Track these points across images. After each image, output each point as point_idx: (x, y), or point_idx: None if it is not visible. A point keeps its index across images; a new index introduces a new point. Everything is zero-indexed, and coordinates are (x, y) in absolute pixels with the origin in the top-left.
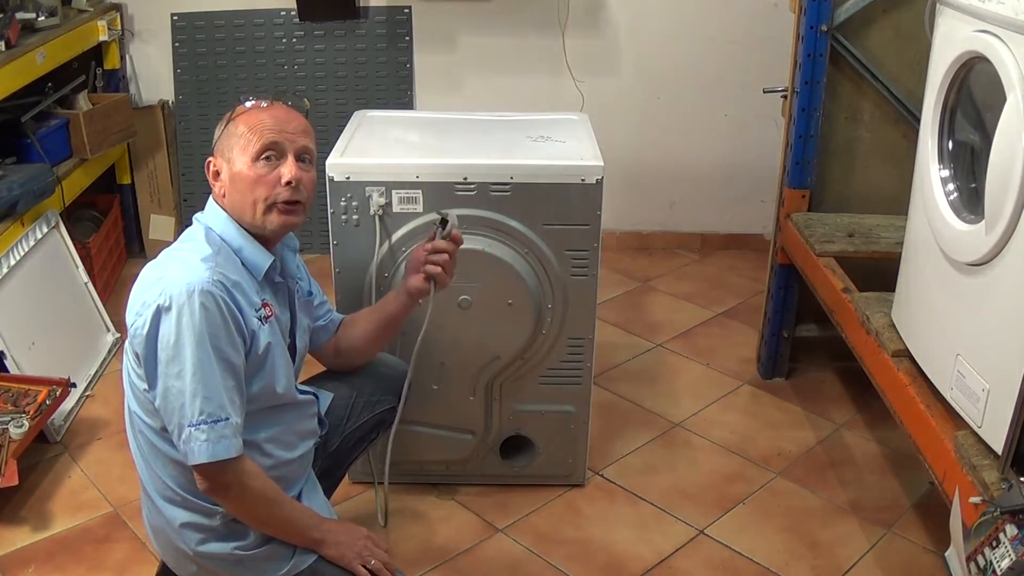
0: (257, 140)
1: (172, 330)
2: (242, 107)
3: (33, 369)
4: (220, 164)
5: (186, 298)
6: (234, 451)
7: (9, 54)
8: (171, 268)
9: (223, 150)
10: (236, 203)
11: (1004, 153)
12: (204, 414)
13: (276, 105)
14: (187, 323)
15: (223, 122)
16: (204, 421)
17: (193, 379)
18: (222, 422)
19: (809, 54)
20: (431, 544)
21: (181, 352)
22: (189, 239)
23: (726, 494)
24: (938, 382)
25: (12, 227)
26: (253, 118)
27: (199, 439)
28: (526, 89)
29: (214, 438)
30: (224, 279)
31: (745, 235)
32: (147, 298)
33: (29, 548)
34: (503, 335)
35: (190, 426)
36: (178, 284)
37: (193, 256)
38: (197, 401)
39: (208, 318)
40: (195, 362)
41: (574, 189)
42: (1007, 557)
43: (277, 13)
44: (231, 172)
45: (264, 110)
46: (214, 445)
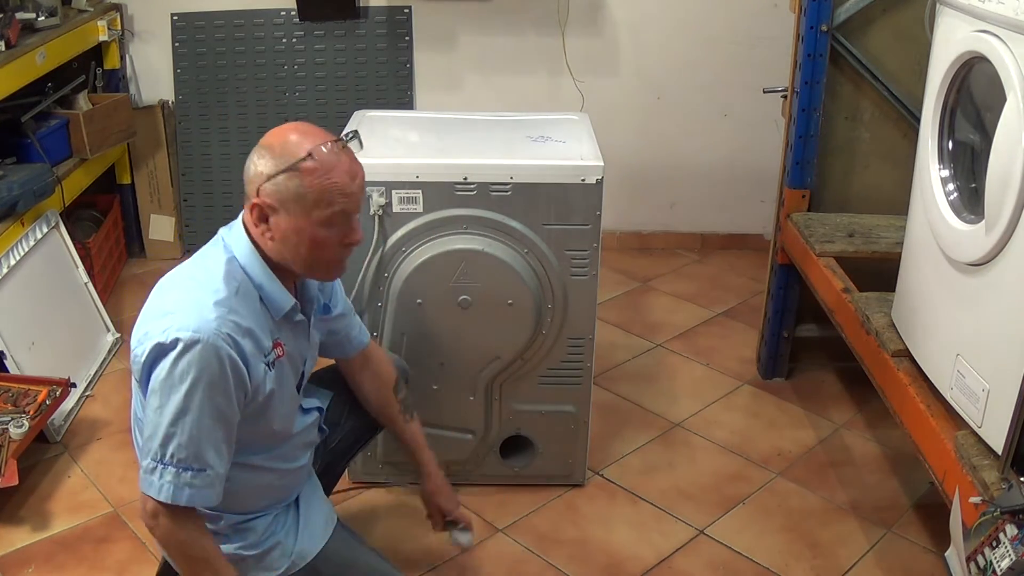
0: (327, 207)
1: (166, 371)
2: (310, 159)
3: (33, 369)
4: (274, 213)
5: (188, 345)
6: (194, 502)
7: (9, 54)
8: (183, 304)
9: (282, 200)
10: (285, 253)
11: (1004, 153)
12: (175, 458)
13: (343, 154)
14: (182, 369)
15: (285, 167)
16: (173, 464)
17: (173, 423)
18: (191, 471)
19: (809, 54)
20: (431, 544)
21: (170, 394)
22: (209, 265)
23: (726, 494)
24: (938, 382)
25: (12, 227)
26: (325, 180)
27: (164, 478)
28: (526, 89)
29: (179, 483)
30: (235, 329)
31: (745, 235)
32: (151, 329)
33: (29, 548)
34: (503, 335)
35: (158, 461)
36: (184, 328)
37: (208, 295)
38: (171, 444)
39: (207, 370)
40: (180, 408)
41: (574, 189)
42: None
43: (277, 13)
44: (289, 226)
45: (334, 168)
46: (176, 489)
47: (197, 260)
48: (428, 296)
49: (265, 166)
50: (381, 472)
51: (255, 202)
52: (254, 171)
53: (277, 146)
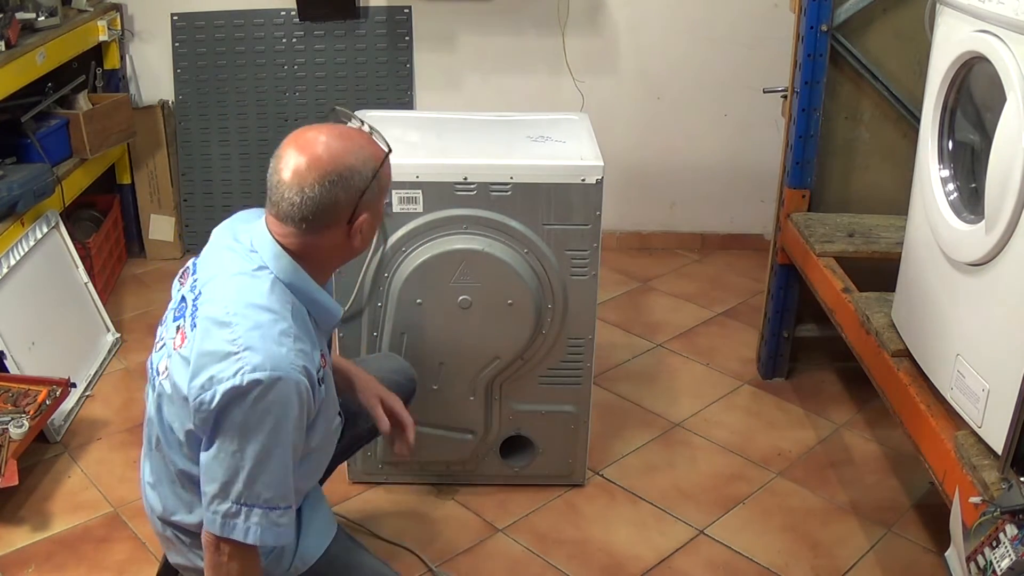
0: (390, 183)
1: (244, 413)
2: (384, 156)
3: (33, 369)
4: (367, 219)
5: (269, 386)
6: (282, 540)
7: (9, 54)
8: (250, 340)
9: (372, 202)
10: (362, 248)
11: (1004, 153)
12: (262, 499)
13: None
14: (263, 409)
15: (373, 174)
16: (260, 506)
17: (259, 464)
18: (279, 510)
19: (809, 54)
20: (431, 544)
21: (252, 435)
22: (255, 289)
23: (726, 494)
24: (938, 382)
25: (12, 227)
26: (388, 166)
27: (251, 520)
28: (526, 89)
29: (267, 524)
30: (304, 357)
31: (745, 235)
32: (217, 373)
33: (29, 548)
34: (503, 335)
35: (241, 504)
36: (261, 368)
37: (271, 325)
38: (257, 485)
39: (288, 407)
40: (264, 449)
41: (574, 189)
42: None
43: (277, 13)
44: (372, 221)
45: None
46: (264, 531)
47: (235, 283)
48: (428, 296)
49: (358, 182)
50: (381, 472)
51: (363, 219)
52: (345, 196)
53: (355, 161)
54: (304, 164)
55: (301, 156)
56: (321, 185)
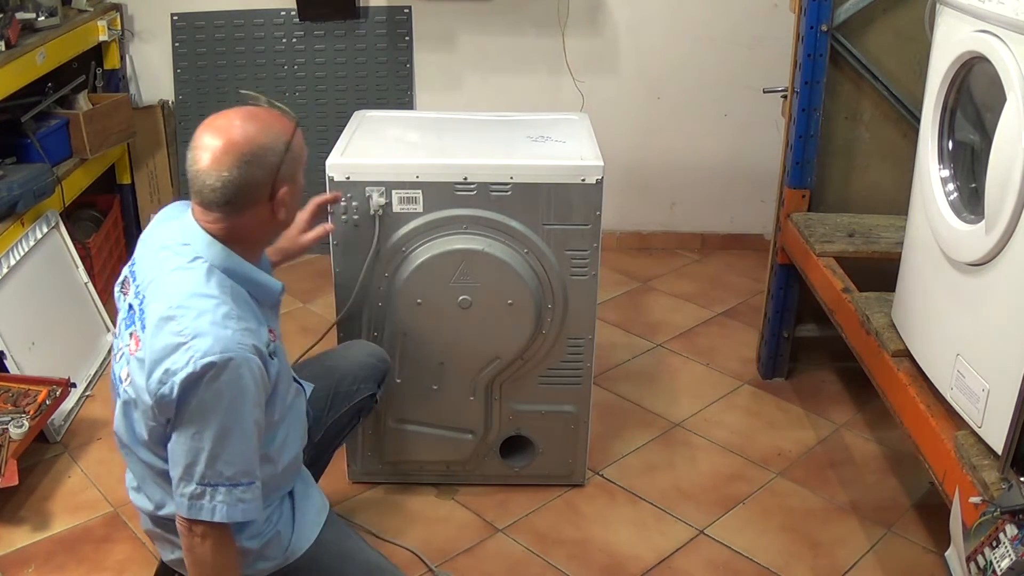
0: (305, 154)
1: (199, 397)
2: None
3: (33, 369)
4: (288, 191)
5: (221, 367)
6: (249, 515)
7: (9, 54)
8: (196, 328)
9: (289, 176)
10: (288, 220)
11: (1004, 153)
12: (224, 476)
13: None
14: (217, 391)
15: (284, 148)
16: (224, 483)
17: (218, 444)
18: (242, 486)
19: (809, 54)
20: (431, 544)
21: (208, 417)
22: (191, 280)
23: (726, 494)
24: (938, 382)
25: (12, 227)
26: (299, 136)
27: (216, 499)
28: (526, 89)
29: (232, 501)
30: (250, 335)
31: (745, 235)
32: (171, 365)
33: (29, 548)
34: (503, 335)
35: (205, 484)
36: (210, 351)
37: (213, 311)
38: (218, 464)
39: (241, 386)
40: (221, 428)
41: (574, 189)
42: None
43: (277, 13)
44: (294, 193)
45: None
46: (230, 508)
47: (174, 278)
48: (428, 296)
49: (271, 157)
50: (381, 472)
51: (283, 193)
52: (261, 173)
53: (265, 138)
54: (218, 150)
55: (214, 143)
56: (238, 167)
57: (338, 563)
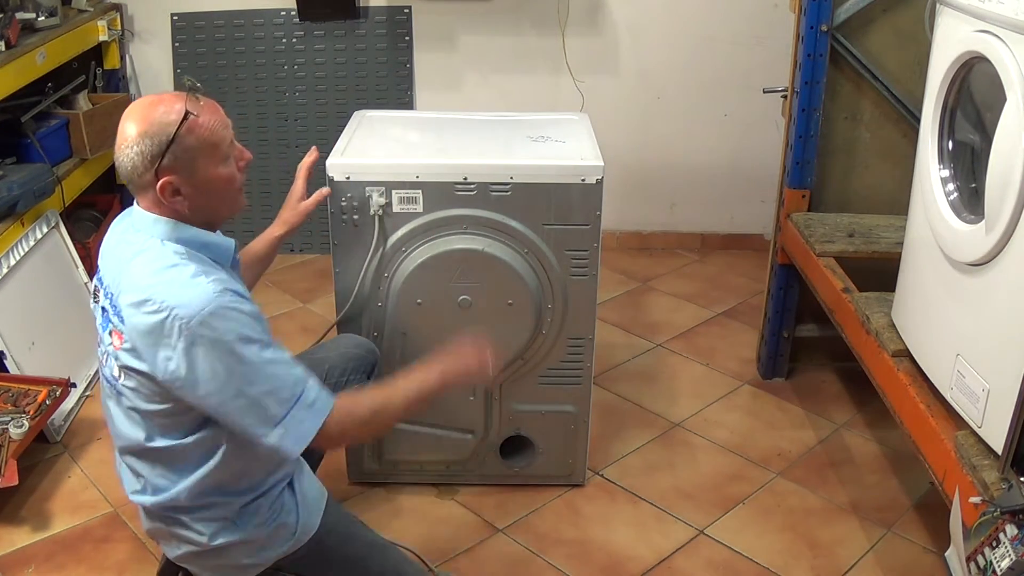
0: (220, 146)
1: (212, 360)
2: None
3: (33, 369)
4: (183, 183)
5: (206, 321)
6: (328, 407)
7: (9, 54)
8: (168, 296)
9: (185, 165)
10: (205, 209)
11: (1004, 153)
12: (288, 400)
13: (202, 104)
14: (222, 346)
15: (171, 137)
16: (289, 408)
17: (257, 383)
18: (302, 394)
19: (809, 54)
20: (431, 544)
21: (231, 372)
22: (153, 260)
23: (726, 494)
24: (938, 382)
25: (12, 227)
26: (208, 124)
27: (301, 421)
28: (526, 89)
29: (312, 411)
30: (226, 284)
31: (745, 235)
32: (166, 342)
33: (29, 548)
34: (503, 335)
35: (279, 423)
36: (193, 312)
37: (180, 273)
38: (275, 395)
39: (240, 325)
40: (250, 371)
41: (574, 189)
42: (1007, 557)
43: (277, 13)
44: (200, 184)
45: (204, 111)
46: (314, 417)
47: (135, 265)
48: (428, 296)
49: (151, 146)
50: (381, 472)
51: (163, 182)
52: (141, 160)
53: (148, 125)
54: (119, 132)
55: (121, 125)
56: (123, 151)
57: (343, 544)
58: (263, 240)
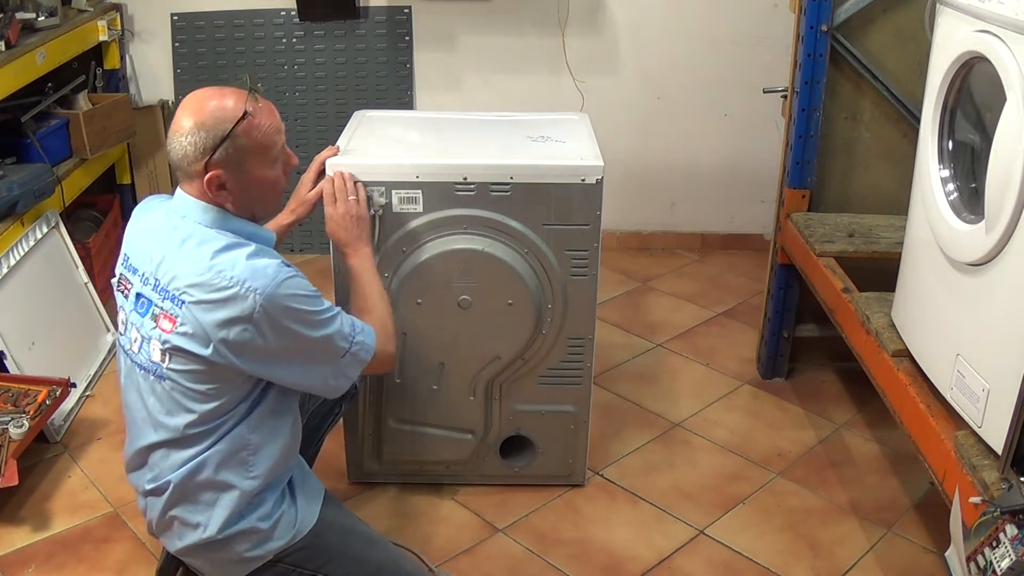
0: (272, 149)
1: (289, 327)
2: (247, 116)
3: (33, 369)
4: (230, 178)
5: (280, 292)
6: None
7: (9, 54)
8: (238, 274)
9: (235, 162)
10: (248, 206)
11: (1004, 153)
12: (347, 336)
13: (260, 105)
14: (295, 313)
15: (226, 133)
16: (353, 339)
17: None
18: (359, 323)
19: (809, 54)
20: (431, 544)
21: (311, 334)
22: (205, 239)
23: (726, 494)
24: (938, 382)
25: (12, 227)
26: (263, 127)
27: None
28: (526, 89)
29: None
30: (282, 263)
31: (745, 235)
32: (240, 314)
33: (29, 548)
34: (503, 335)
35: (347, 354)
36: (265, 286)
37: (241, 252)
38: (342, 334)
39: (307, 293)
40: (324, 327)
41: (574, 189)
42: (1007, 557)
43: (277, 13)
44: (247, 181)
45: (262, 113)
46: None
47: (187, 248)
48: (428, 296)
49: (205, 138)
50: (381, 472)
51: (211, 175)
52: (193, 150)
53: (205, 117)
54: (176, 119)
55: (178, 111)
56: (176, 138)
57: (341, 537)
58: (271, 227)
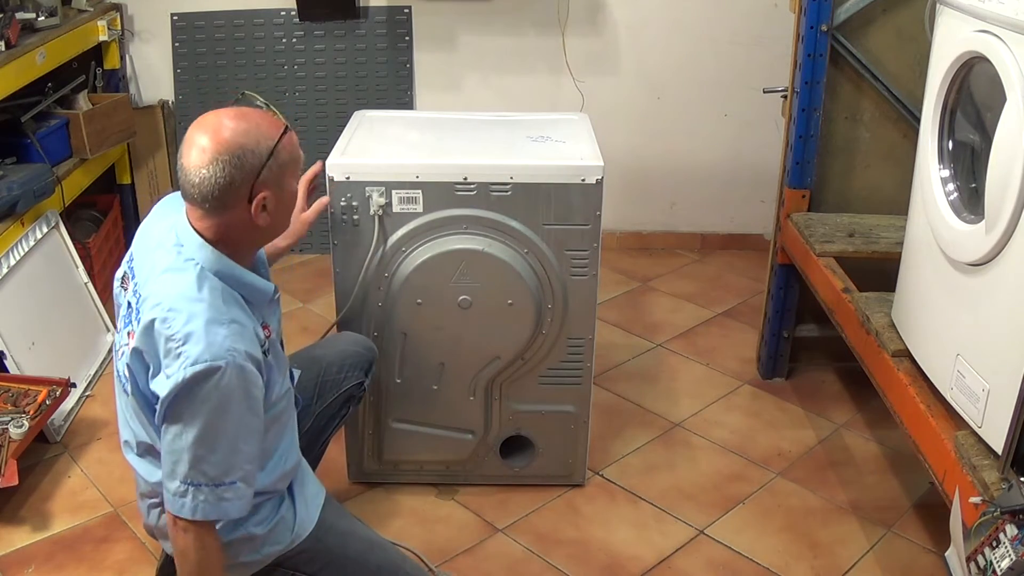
0: (299, 161)
1: (189, 403)
2: (280, 135)
3: (33, 369)
4: (270, 197)
5: (208, 374)
6: (230, 514)
7: (9, 54)
8: (187, 331)
9: (275, 181)
10: (277, 225)
11: (1004, 153)
12: (207, 477)
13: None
14: (205, 395)
15: (269, 153)
16: (205, 484)
17: (199, 446)
18: (224, 486)
19: (809, 54)
20: (431, 544)
21: (193, 421)
22: (184, 283)
23: (726, 494)
24: (938, 382)
25: (12, 227)
26: (290, 144)
27: (197, 498)
28: (526, 89)
29: (213, 500)
30: (241, 338)
31: (745, 235)
32: (165, 369)
33: (29, 548)
34: (503, 335)
35: (187, 483)
36: (200, 359)
37: (205, 312)
38: (201, 465)
39: (229, 395)
40: (204, 433)
41: (574, 189)
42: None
43: (277, 13)
44: (282, 198)
45: (284, 128)
46: (210, 507)
47: (166, 280)
48: (428, 296)
49: (251, 160)
50: (381, 472)
51: (260, 197)
52: (240, 174)
53: (246, 139)
54: (201, 147)
55: (201, 139)
56: (215, 165)
57: (341, 541)
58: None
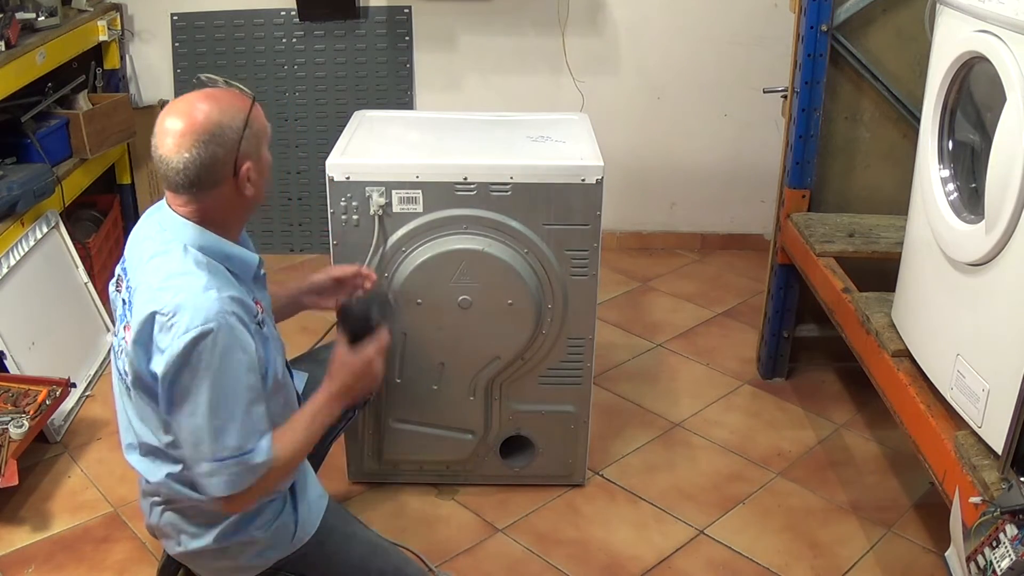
0: (268, 130)
1: (189, 373)
2: (250, 106)
3: (33, 369)
4: (252, 168)
5: (203, 335)
6: (259, 474)
7: (9, 54)
8: (176, 303)
9: (254, 151)
10: (258, 195)
11: (1004, 153)
12: (229, 448)
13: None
14: (207, 361)
15: (243, 124)
16: (230, 457)
17: (214, 415)
18: (247, 454)
19: (809, 54)
20: (431, 544)
21: (198, 392)
22: (171, 263)
23: (726, 494)
24: (938, 382)
25: (12, 227)
26: (259, 115)
27: (224, 473)
28: (526, 89)
29: (242, 469)
30: (232, 302)
31: (745, 235)
32: (160, 345)
33: (29, 548)
34: (503, 335)
35: (214, 460)
36: (191, 325)
37: (193, 283)
38: (222, 437)
39: (228, 355)
40: (214, 400)
41: (574, 189)
42: (1007, 557)
43: (277, 13)
44: (262, 167)
45: (256, 103)
46: (243, 475)
47: (152, 265)
48: (428, 296)
49: (230, 134)
50: (381, 472)
51: (245, 168)
52: (224, 150)
53: (220, 115)
54: (177, 132)
55: (175, 126)
56: (197, 147)
57: (343, 545)
58: (285, 290)
